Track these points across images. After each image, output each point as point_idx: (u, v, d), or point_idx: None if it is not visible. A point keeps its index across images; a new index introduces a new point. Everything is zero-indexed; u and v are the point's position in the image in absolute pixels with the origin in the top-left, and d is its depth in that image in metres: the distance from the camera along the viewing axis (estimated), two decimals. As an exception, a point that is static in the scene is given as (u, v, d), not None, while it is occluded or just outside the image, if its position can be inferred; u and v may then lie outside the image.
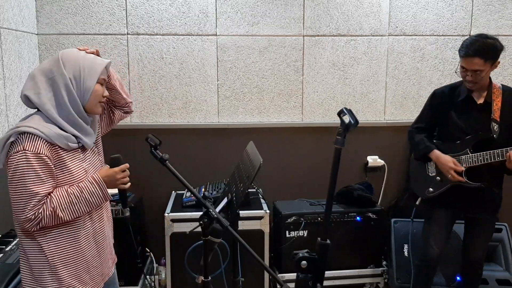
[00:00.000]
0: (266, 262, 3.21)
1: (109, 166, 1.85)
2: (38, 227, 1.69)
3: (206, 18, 3.66)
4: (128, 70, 3.66)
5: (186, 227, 3.11)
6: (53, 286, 1.76)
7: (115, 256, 2.08)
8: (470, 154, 2.72)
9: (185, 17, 3.64)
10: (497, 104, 2.72)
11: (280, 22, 3.72)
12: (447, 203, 2.82)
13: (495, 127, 2.70)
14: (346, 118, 1.52)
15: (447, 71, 3.84)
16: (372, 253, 3.47)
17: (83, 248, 1.81)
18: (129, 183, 1.91)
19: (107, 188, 1.82)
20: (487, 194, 2.77)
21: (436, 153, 2.81)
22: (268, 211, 3.23)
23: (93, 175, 1.80)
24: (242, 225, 3.07)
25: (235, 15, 3.68)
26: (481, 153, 2.67)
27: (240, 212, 3.03)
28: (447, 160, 2.76)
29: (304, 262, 1.55)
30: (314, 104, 3.84)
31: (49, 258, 1.74)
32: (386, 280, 3.49)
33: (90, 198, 1.76)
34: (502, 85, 2.80)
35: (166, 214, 3.21)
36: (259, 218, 3.19)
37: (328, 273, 3.34)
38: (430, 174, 2.89)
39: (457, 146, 2.79)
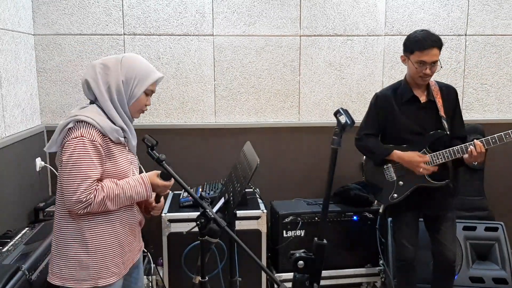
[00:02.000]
0: (263, 262, 3.22)
1: (159, 175, 1.96)
2: (85, 210, 1.80)
3: (203, 18, 3.66)
4: (125, 71, 3.65)
5: (184, 227, 3.11)
6: (89, 267, 1.86)
7: (143, 242, 2.19)
8: (429, 154, 2.72)
9: (182, 17, 3.64)
10: (439, 101, 2.75)
11: (276, 22, 3.72)
12: (410, 204, 2.82)
13: (445, 123, 2.73)
14: (343, 119, 1.53)
15: (443, 70, 3.85)
16: (369, 253, 3.47)
17: (119, 234, 1.93)
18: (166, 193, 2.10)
19: None
20: (446, 190, 2.79)
21: (397, 153, 2.78)
22: (265, 211, 3.24)
23: (143, 177, 1.94)
24: (240, 225, 3.07)
25: (231, 15, 3.68)
26: (441, 151, 2.69)
27: (237, 212, 3.04)
28: (411, 155, 2.74)
29: (301, 262, 1.55)
30: (310, 104, 3.85)
31: (88, 241, 1.86)
32: (383, 280, 3.49)
33: (135, 196, 1.91)
34: (436, 81, 2.82)
35: (163, 214, 3.21)
36: (256, 218, 3.20)
37: (325, 273, 3.36)
38: (390, 180, 2.85)
39: (412, 147, 2.77)
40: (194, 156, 3.76)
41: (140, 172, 2.05)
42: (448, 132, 2.75)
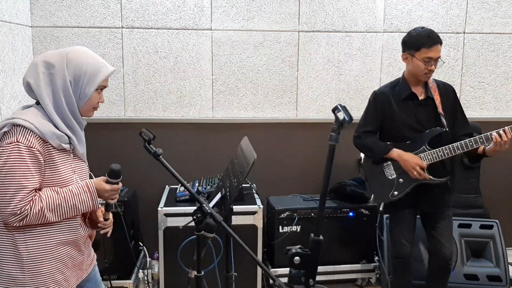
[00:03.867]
0: (259, 257, 3.23)
1: (107, 174, 1.80)
2: (22, 223, 1.65)
3: (201, 12, 3.65)
4: (123, 64, 3.64)
5: (180, 222, 3.11)
6: (24, 285, 1.71)
7: (95, 254, 2.04)
8: (429, 151, 2.73)
9: (180, 11, 3.63)
10: (437, 98, 2.76)
11: (275, 17, 3.71)
12: (408, 202, 2.82)
13: (443, 120, 2.74)
14: (341, 115, 1.53)
15: (441, 68, 3.84)
16: (364, 249, 3.49)
17: (60, 248, 1.77)
18: (116, 199, 1.87)
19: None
20: (444, 188, 2.80)
21: (397, 151, 2.78)
22: (261, 206, 3.24)
23: (87, 183, 1.77)
24: (236, 220, 3.07)
25: (230, 10, 3.67)
26: (442, 147, 2.69)
27: (234, 207, 3.04)
28: (411, 156, 2.75)
29: (297, 258, 1.56)
30: (308, 100, 3.85)
31: (23, 256, 1.70)
32: (378, 276, 3.51)
33: (79, 205, 1.74)
34: (433, 79, 2.83)
35: (159, 209, 3.21)
36: (253, 213, 3.20)
37: (320, 268, 3.35)
38: (390, 178, 2.85)
39: (411, 145, 2.78)
40: (191, 151, 3.76)
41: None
42: (446, 129, 2.75)
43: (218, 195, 2.18)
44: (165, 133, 3.68)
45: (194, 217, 1.83)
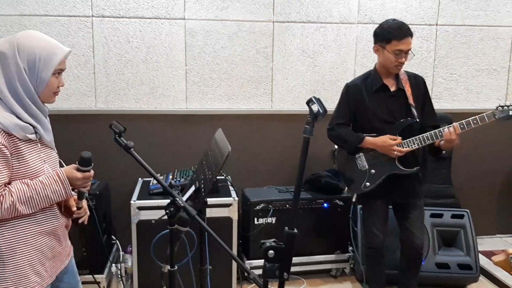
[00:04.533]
0: (234, 249, 3.21)
1: (77, 162, 1.75)
2: None
3: (174, 1, 3.57)
4: (93, 54, 3.55)
5: (153, 215, 3.07)
6: (5, 277, 1.68)
7: (71, 245, 2.00)
8: (404, 140, 2.75)
9: None
10: (408, 90, 2.80)
11: (249, 7, 3.67)
12: (380, 192, 2.85)
13: (414, 111, 2.77)
14: (315, 107, 1.51)
15: (414, 60, 3.87)
16: (338, 239, 3.51)
17: (38, 239, 1.74)
18: (88, 187, 1.85)
19: None
20: (415, 179, 2.84)
21: (370, 139, 2.81)
22: (236, 198, 3.22)
23: (58, 172, 1.73)
24: (211, 213, 3.05)
25: (204, -1, 3.61)
26: (414, 137, 2.73)
27: (209, 199, 3.01)
28: (384, 139, 2.77)
29: (271, 251, 1.54)
30: (283, 92, 3.83)
31: (1, 249, 1.67)
32: (352, 266, 3.54)
33: (52, 196, 1.70)
34: (405, 71, 2.86)
35: (132, 202, 3.15)
36: (228, 205, 3.18)
37: (295, 259, 3.38)
38: (362, 169, 2.87)
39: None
40: (165, 143, 3.70)
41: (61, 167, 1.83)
42: (417, 120, 2.79)
43: (192, 188, 2.14)
44: (138, 125, 3.61)
45: (167, 211, 1.79)
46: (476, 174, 4.14)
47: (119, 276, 3.38)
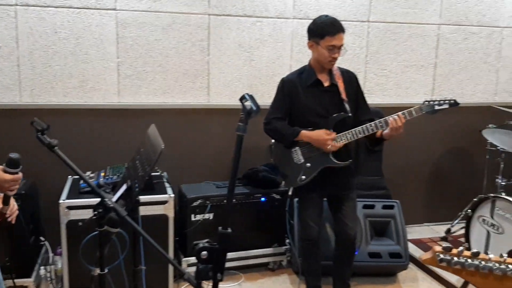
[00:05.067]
0: (171, 247, 3.14)
1: (5, 164, 1.67)
2: None
3: (105, -9, 3.42)
4: (17, 45, 3.33)
5: (84, 215, 2.92)
6: None
7: None
8: (337, 134, 2.81)
9: (81, -12, 3.38)
10: (341, 85, 2.87)
11: (184, -1, 3.59)
12: (316, 185, 2.91)
13: (347, 106, 2.85)
14: (248, 105, 1.49)
15: (346, 55, 3.96)
16: (276, 233, 3.55)
17: None
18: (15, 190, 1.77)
19: None
20: (348, 171, 2.93)
21: (305, 132, 2.85)
22: (172, 195, 3.15)
23: None
24: (145, 211, 2.94)
25: (136, -11, 3.48)
26: (348, 131, 2.80)
27: (143, 197, 2.93)
28: (319, 133, 2.82)
29: (204, 252, 1.51)
30: (220, 86, 3.79)
31: None
32: (289, 258, 3.59)
33: None
34: (338, 67, 2.94)
35: (61, 201, 3.00)
36: (163, 202, 3.10)
37: (233, 254, 3.38)
38: (298, 162, 2.91)
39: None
40: (96, 139, 3.55)
41: None
42: (350, 114, 2.86)
43: (124, 187, 2.07)
44: (67, 120, 3.44)
45: (96, 212, 1.71)
46: (405, 166, 4.32)
47: (49, 279, 3.22)
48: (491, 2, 4.27)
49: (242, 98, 1.50)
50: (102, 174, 3.24)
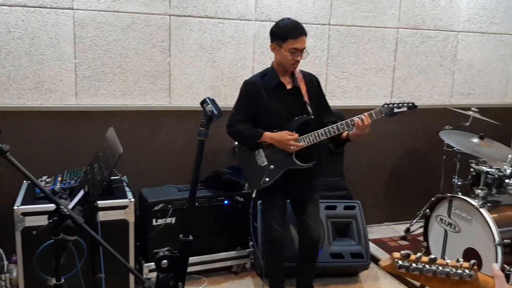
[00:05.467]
0: (132, 253, 3.07)
1: None
2: None
3: (61, -10, 3.31)
4: (-34, 44, 3.17)
5: (40, 221, 2.82)
6: None
7: None
8: (300, 136, 2.83)
9: (36, -14, 3.26)
10: (303, 88, 2.91)
11: None
12: (280, 187, 2.92)
13: (309, 109, 2.89)
14: (209, 109, 1.47)
15: (308, 58, 3.99)
16: (239, 235, 3.53)
17: None
18: None
19: None
20: (311, 173, 2.96)
21: (268, 134, 2.86)
22: (132, 199, 3.07)
23: None
24: (105, 216, 2.89)
25: (94, -11, 3.39)
26: (314, 132, 2.82)
27: (102, 202, 2.86)
28: (282, 134, 2.83)
29: (164, 261, 1.47)
30: (182, 87, 3.74)
31: None
32: (252, 261, 3.58)
33: None
34: (300, 70, 2.96)
35: (15, 207, 2.87)
36: (123, 207, 3.02)
37: (196, 258, 3.34)
38: (262, 164, 2.91)
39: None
40: (53, 142, 3.43)
41: None
42: (312, 117, 2.88)
43: (81, 193, 2.00)
44: (22, 123, 3.31)
45: (51, 220, 1.64)
46: (365, 167, 4.40)
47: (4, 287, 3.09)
48: (446, 7, 4.41)
49: (203, 102, 1.48)
50: (59, 178, 3.13)
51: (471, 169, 3.55)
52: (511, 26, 4.67)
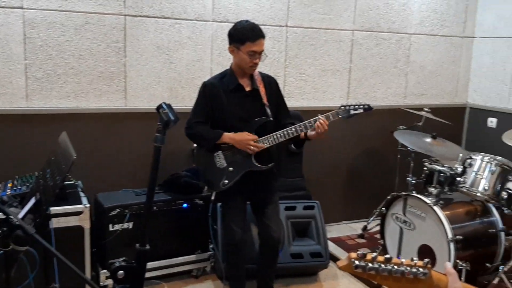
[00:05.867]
0: (88, 260, 2.97)
1: None
2: None
3: (9, -13, 3.17)
4: None
5: (-11, 230, 2.69)
6: None
7: None
8: (260, 138, 2.84)
9: (-19, -17, 3.11)
10: (262, 90, 2.93)
11: (98, -1, 3.43)
12: (239, 189, 2.91)
13: (268, 111, 2.91)
14: (166, 115, 1.44)
15: (267, 60, 4.01)
16: (199, 239, 3.49)
17: None
18: None
19: None
20: (270, 174, 2.98)
21: (228, 134, 2.84)
22: (88, 205, 2.98)
23: None
24: (59, 223, 2.79)
25: (44, -13, 3.27)
26: (273, 134, 2.83)
27: (56, 208, 2.76)
28: (241, 135, 2.83)
29: (121, 272, 1.43)
30: (138, 89, 3.67)
31: None
32: (212, 264, 3.56)
33: None
34: (259, 72, 2.98)
35: (-39, 217, 2.73)
36: (78, 213, 2.92)
37: (155, 263, 3.28)
38: (221, 167, 2.90)
39: None
40: (3, 147, 3.29)
41: None
42: (271, 119, 2.89)
43: (32, 201, 1.92)
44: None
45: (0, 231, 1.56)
46: (323, 167, 4.46)
47: None
48: (400, 10, 4.53)
49: (159, 108, 1.45)
50: (10, 184, 3.00)
51: (425, 168, 3.66)
52: (460, 29, 4.86)
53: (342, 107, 2.88)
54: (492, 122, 4.78)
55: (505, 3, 4.61)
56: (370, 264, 1.12)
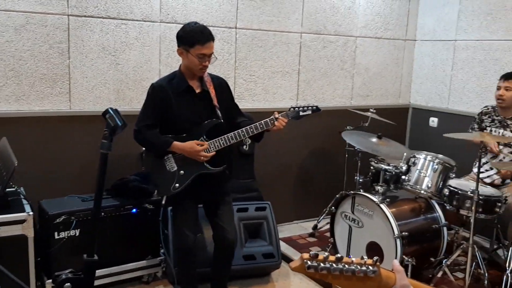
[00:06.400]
0: (32, 270, 2.84)
1: None
2: None
3: None
4: None
5: None
6: None
7: None
8: (208, 141, 2.83)
9: None
10: (212, 92, 2.93)
11: (39, -2, 3.29)
12: (191, 192, 2.89)
13: (219, 112, 2.92)
14: (112, 120, 1.40)
15: (217, 61, 3.99)
16: (150, 244, 3.42)
17: None
18: None
19: None
20: (223, 176, 2.98)
21: (178, 144, 2.81)
22: (31, 213, 2.85)
23: None
24: (0, 232, 2.66)
25: (-20, -16, 3.09)
26: (223, 136, 2.83)
27: (-5, 218, 2.62)
28: (191, 145, 2.80)
29: (67, 284, 1.38)
30: (83, 91, 3.55)
31: None
32: (164, 269, 3.50)
33: None
34: (208, 73, 2.97)
35: None
36: (21, 222, 2.79)
37: (104, 271, 3.19)
38: (171, 170, 2.87)
39: (190, 137, 2.84)
40: None
41: None
42: (222, 120, 2.88)
43: (-31, 212, 1.81)
44: None
45: None
46: (274, 167, 4.50)
47: None
48: (345, 13, 4.65)
49: (106, 113, 1.41)
50: None
51: (371, 167, 3.78)
52: (402, 32, 5.05)
53: (292, 109, 2.92)
54: (433, 121, 5.00)
55: (444, 8, 4.84)
56: (322, 264, 1.14)
